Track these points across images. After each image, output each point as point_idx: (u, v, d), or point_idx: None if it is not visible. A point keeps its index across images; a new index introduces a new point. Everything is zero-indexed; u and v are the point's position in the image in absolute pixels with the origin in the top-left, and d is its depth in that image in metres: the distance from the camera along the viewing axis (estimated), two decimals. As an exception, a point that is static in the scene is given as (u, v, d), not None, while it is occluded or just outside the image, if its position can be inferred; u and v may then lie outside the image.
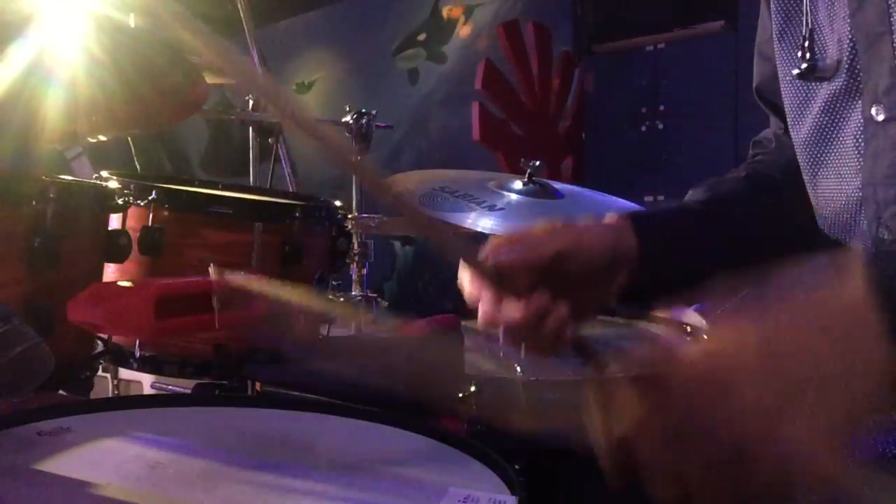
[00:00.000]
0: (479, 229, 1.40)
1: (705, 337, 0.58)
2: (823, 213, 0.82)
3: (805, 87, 0.81)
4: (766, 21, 0.92)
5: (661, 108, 3.64)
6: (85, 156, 2.48)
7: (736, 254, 0.89)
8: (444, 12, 4.70)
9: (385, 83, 4.95)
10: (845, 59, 0.74)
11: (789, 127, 0.86)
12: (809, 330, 0.54)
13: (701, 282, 0.91)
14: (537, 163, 1.56)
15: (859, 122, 0.74)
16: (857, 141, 0.74)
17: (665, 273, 0.84)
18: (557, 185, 1.61)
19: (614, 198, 1.67)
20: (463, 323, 0.93)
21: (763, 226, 0.91)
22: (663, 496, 0.54)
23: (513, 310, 0.75)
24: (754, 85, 0.98)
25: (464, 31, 4.54)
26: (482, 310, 0.77)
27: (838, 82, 0.76)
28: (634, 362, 0.61)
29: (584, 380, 0.69)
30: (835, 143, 0.78)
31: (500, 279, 0.76)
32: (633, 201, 1.65)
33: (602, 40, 3.89)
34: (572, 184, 1.81)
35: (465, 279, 0.78)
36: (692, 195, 0.92)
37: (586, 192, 1.72)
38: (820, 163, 0.80)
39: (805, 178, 0.84)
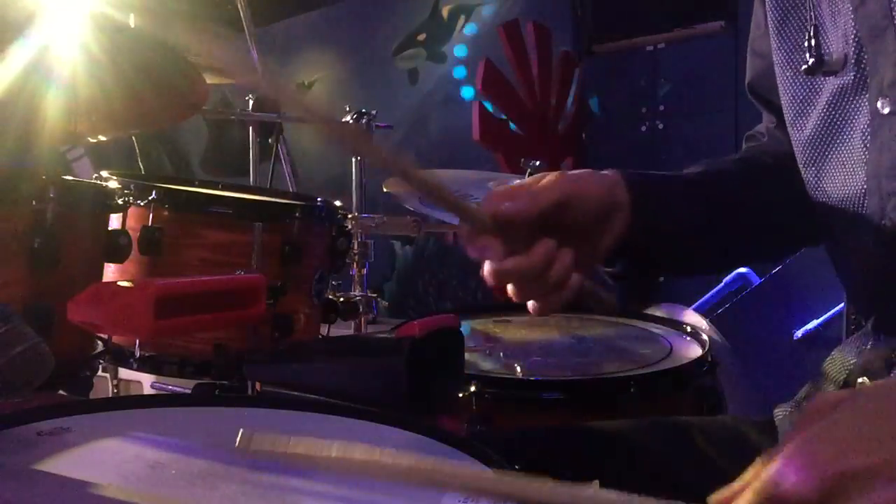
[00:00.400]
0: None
1: None
2: (825, 207, 0.82)
3: (809, 83, 0.81)
4: (760, 18, 0.92)
5: (661, 108, 3.64)
6: (87, 157, 2.48)
7: (724, 224, 0.89)
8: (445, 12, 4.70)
9: (385, 83, 4.95)
10: (851, 53, 0.75)
11: (789, 123, 0.86)
12: None
13: (690, 250, 0.91)
14: (537, 163, 1.56)
15: (867, 115, 0.74)
16: (865, 135, 0.75)
17: (655, 232, 0.83)
18: (557, 185, 1.61)
19: (614, 198, 1.67)
20: (463, 323, 0.93)
21: (752, 202, 0.91)
22: None
23: (518, 260, 0.74)
24: (747, 81, 0.98)
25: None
26: (488, 262, 0.75)
27: (846, 77, 0.76)
28: None
29: None
30: (842, 137, 0.78)
31: (500, 231, 0.74)
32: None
33: (602, 40, 3.89)
34: (572, 184, 1.80)
35: (468, 234, 0.76)
36: (688, 170, 0.93)
37: (586, 192, 1.72)
38: (825, 157, 0.80)
39: (806, 172, 0.84)
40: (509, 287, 0.77)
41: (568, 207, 0.76)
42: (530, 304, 0.80)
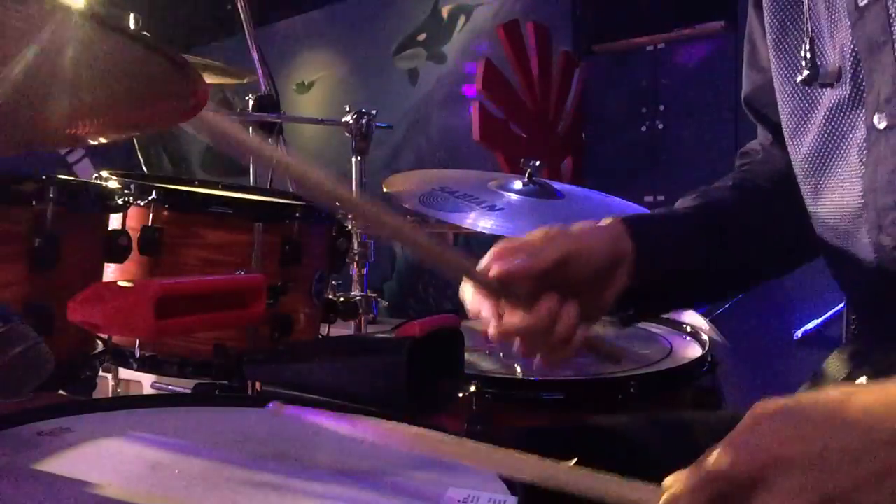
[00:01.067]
0: (479, 229, 1.40)
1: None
2: (823, 221, 0.82)
3: (807, 96, 0.81)
4: (758, 31, 0.92)
5: (661, 108, 3.64)
6: (87, 159, 2.48)
7: (725, 259, 0.90)
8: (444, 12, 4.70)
9: (385, 83, 4.95)
10: (848, 67, 0.75)
11: (788, 137, 0.86)
12: None
13: (695, 286, 0.92)
14: (537, 163, 1.56)
15: (863, 130, 0.74)
16: (861, 149, 0.75)
17: (661, 275, 0.84)
18: (557, 185, 1.61)
19: (614, 198, 1.67)
20: (463, 323, 0.93)
21: (751, 232, 0.92)
22: None
23: (522, 318, 0.76)
24: (743, 95, 0.98)
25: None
26: (491, 323, 0.77)
27: (842, 91, 0.76)
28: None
29: None
30: (838, 151, 0.78)
31: (503, 289, 0.76)
32: (633, 201, 1.66)
33: (602, 40, 3.89)
34: (572, 184, 1.81)
35: (468, 294, 0.79)
36: (682, 202, 0.93)
37: (586, 192, 1.72)
38: (822, 171, 0.80)
39: (804, 186, 0.84)
40: (516, 343, 0.79)
41: (569, 264, 0.77)
42: (537, 358, 0.81)
